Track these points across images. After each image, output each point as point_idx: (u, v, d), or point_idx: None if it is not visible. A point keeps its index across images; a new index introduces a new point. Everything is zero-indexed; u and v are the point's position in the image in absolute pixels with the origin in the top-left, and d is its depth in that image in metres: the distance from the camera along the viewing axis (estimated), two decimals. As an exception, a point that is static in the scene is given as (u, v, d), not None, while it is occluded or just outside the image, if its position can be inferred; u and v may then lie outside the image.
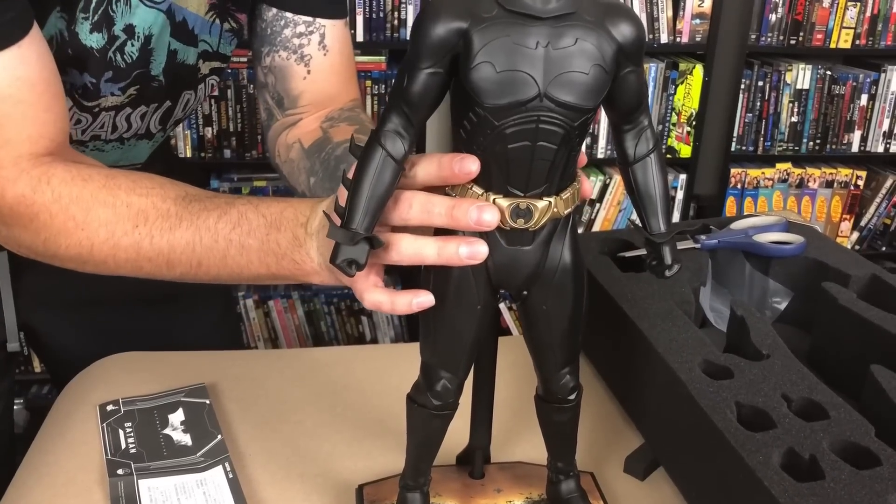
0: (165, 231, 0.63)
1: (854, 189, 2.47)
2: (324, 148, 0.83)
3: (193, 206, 0.64)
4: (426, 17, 0.46)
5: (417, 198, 0.51)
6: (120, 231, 0.64)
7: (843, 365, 0.75)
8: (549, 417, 0.61)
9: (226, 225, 0.62)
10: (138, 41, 0.76)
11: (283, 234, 0.60)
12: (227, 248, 0.62)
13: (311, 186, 0.83)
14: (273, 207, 0.62)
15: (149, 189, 0.65)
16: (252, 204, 0.63)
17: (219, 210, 0.63)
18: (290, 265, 0.61)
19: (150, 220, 0.63)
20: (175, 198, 0.64)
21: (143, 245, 0.63)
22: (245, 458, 0.72)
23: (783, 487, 0.54)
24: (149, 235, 0.63)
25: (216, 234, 0.62)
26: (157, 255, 0.64)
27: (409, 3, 2.13)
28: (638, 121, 0.51)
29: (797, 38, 2.28)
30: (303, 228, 0.59)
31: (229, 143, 2.21)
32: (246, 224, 0.62)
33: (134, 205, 0.64)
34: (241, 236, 0.62)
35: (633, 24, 0.47)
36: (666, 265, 0.53)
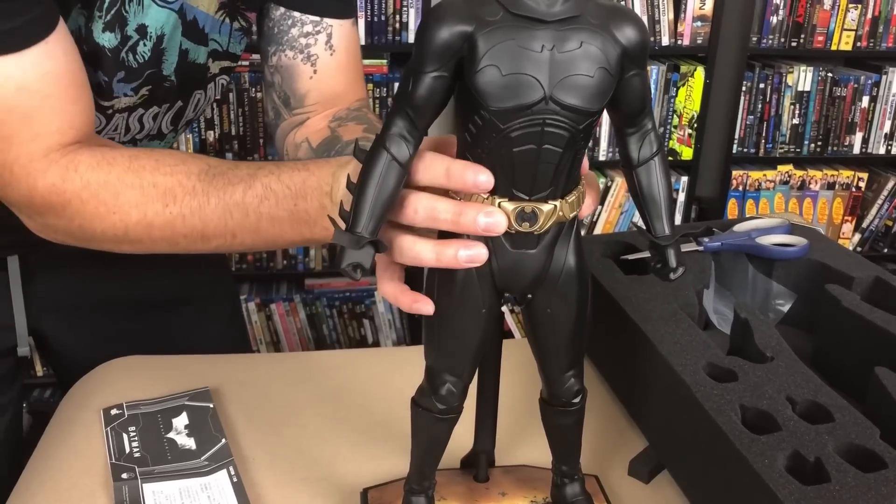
0: (196, 210, 0.65)
1: (856, 191, 2.47)
2: (333, 146, 0.83)
3: (218, 180, 0.65)
4: (431, 21, 0.46)
5: (423, 201, 0.51)
6: (151, 212, 0.65)
7: (847, 367, 0.75)
8: (554, 421, 0.61)
9: (253, 199, 0.63)
10: (150, 41, 0.76)
11: (310, 203, 0.62)
12: (259, 221, 0.64)
13: None
14: (296, 177, 0.63)
15: (172, 167, 0.66)
16: (274, 174, 0.64)
17: (243, 183, 0.64)
18: (321, 232, 0.62)
19: (178, 199, 0.65)
20: (199, 173, 0.65)
21: (177, 224, 0.65)
22: (249, 461, 0.72)
23: (789, 490, 0.54)
24: (180, 215, 0.65)
25: (245, 209, 0.64)
26: (192, 231, 0.65)
27: (410, 6, 2.13)
28: (642, 124, 0.51)
29: (798, 40, 2.28)
30: (328, 197, 0.61)
31: (231, 146, 2.21)
32: (273, 196, 0.63)
33: (160, 184, 0.65)
34: (270, 209, 0.63)
35: (637, 27, 0.47)
36: (671, 268, 0.53)
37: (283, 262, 2.33)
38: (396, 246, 0.52)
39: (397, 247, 0.52)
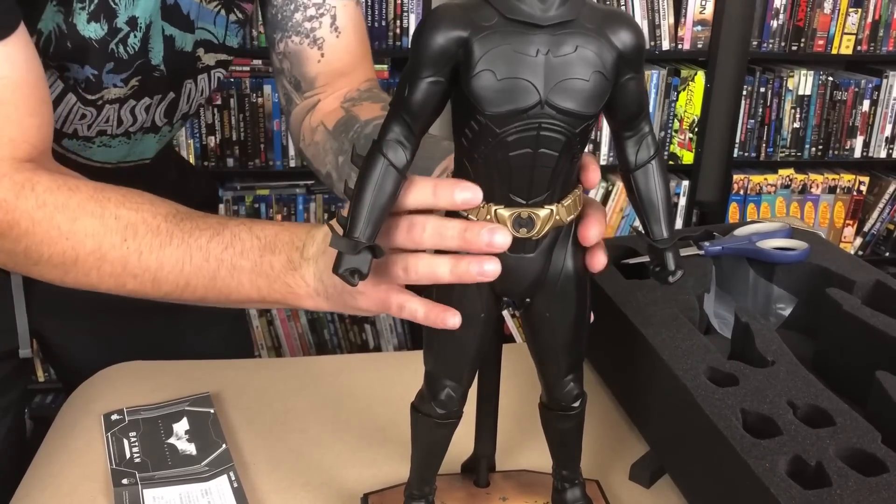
0: (155, 248, 0.61)
1: (857, 195, 2.47)
2: (351, 126, 0.83)
3: (185, 223, 0.62)
4: (426, 27, 0.46)
5: (430, 222, 0.51)
6: (108, 244, 0.62)
7: (848, 371, 0.75)
8: (554, 425, 0.60)
9: (218, 244, 0.61)
10: (140, 31, 0.75)
11: (277, 257, 0.60)
12: (218, 268, 0.61)
13: (338, 165, 0.83)
14: (268, 229, 0.61)
15: (139, 204, 0.63)
16: (245, 225, 0.62)
17: (211, 230, 0.62)
18: (282, 288, 0.60)
19: (139, 235, 0.62)
20: (166, 214, 0.63)
21: (131, 260, 0.62)
22: (250, 467, 0.72)
23: (790, 495, 0.54)
24: (137, 251, 0.62)
25: (207, 254, 0.61)
26: (144, 272, 0.62)
27: (410, 11, 2.14)
28: (639, 128, 0.51)
29: (799, 45, 2.28)
30: (298, 252, 0.59)
31: (232, 151, 2.21)
32: (239, 244, 0.61)
33: (123, 218, 0.62)
34: (232, 256, 0.60)
35: (632, 31, 0.47)
36: (669, 271, 0.53)
37: (285, 268, 2.32)
38: (410, 266, 0.52)
39: (411, 267, 0.52)
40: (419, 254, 0.52)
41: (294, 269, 0.59)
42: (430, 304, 0.53)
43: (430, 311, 0.53)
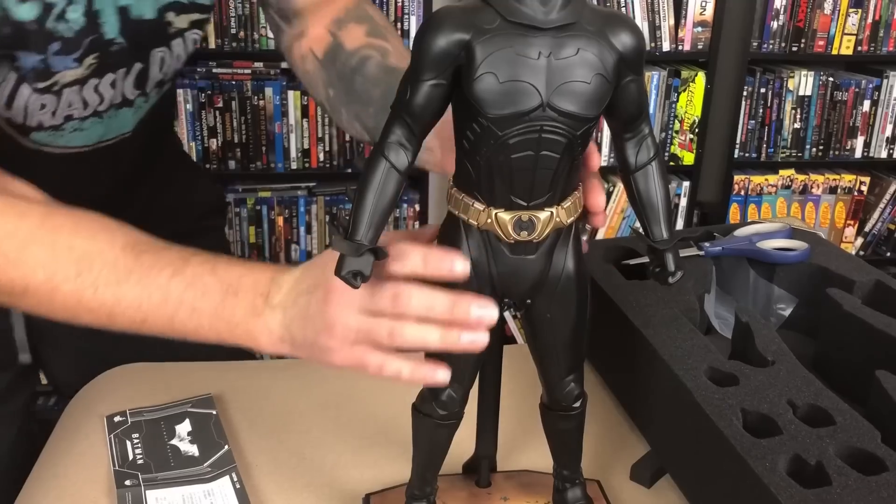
0: (112, 283, 0.58)
1: (858, 195, 2.47)
2: (338, 57, 0.81)
3: (145, 257, 0.59)
4: (429, 30, 0.46)
5: (416, 294, 0.52)
6: (61, 276, 0.59)
7: (848, 371, 0.75)
8: (555, 425, 0.61)
9: (178, 284, 0.59)
10: (79, 4, 0.68)
11: (239, 302, 0.58)
12: (177, 309, 0.59)
13: (329, 98, 0.82)
14: (231, 271, 0.59)
15: (93, 232, 0.60)
16: (209, 264, 0.60)
17: (172, 267, 0.59)
18: (243, 335, 0.59)
19: (94, 268, 0.59)
20: (123, 245, 0.60)
21: (86, 295, 0.59)
22: (252, 468, 0.73)
23: (790, 494, 0.54)
24: (92, 285, 0.59)
25: (167, 293, 0.59)
26: (100, 307, 0.59)
27: (411, 13, 2.14)
28: (639, 129, 0.52)
29: (799, 45, 2.28)
30: (262, 298, 0.58)
31: (234, 154, 2.22)
32: (201, 286, 0.58)
33: (77, 248, 0.59)
34: (193, 298, 0.58)
35: (633, 33, 0.47)
36: (669, 272, 0.54)
37: (286, 270, 2.33)
38: (397, 332, 0.53)
39: (397, 333, 0.53)
40: (406, 320, 0.53)
41: (257, 316, 0.58)
42: (415, 363, 0.54)
43: (417, 370, 0.54)
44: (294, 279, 0.58)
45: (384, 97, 0.75)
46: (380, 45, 0.81)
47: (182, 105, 2.16)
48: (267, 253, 2.31)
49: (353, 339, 0.54)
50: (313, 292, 0.56)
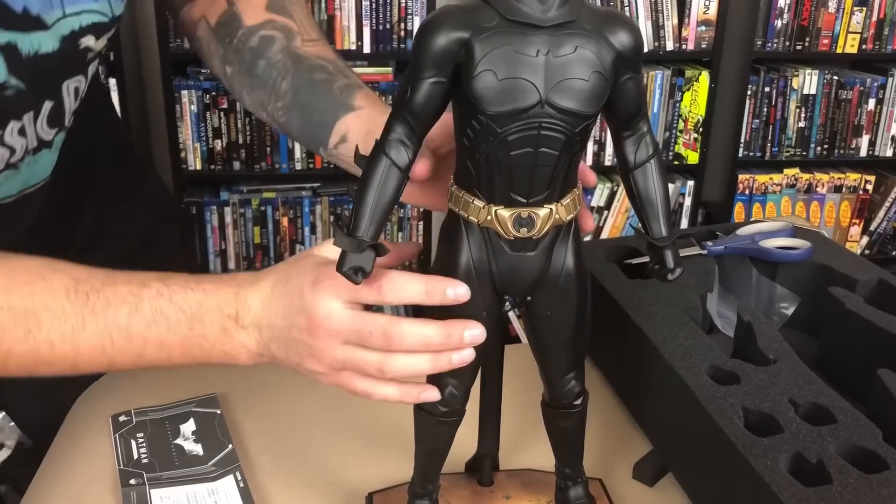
0: (67, 335, 0.55)
1: (863, 193, 2.46)
2: (233, 31, 0.75)
3: (94, 300, 0.55)
4: (428, 28, 0.47)
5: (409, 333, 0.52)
6: (10, 339, 0.55)
7: (850, 369, 0.75)
8: (556, 423, 0.61)
9: (139, 322, 0.56)
10: None
11: (207, 327, 0.56)
12: (144, 346, 0.57)
13: (228, 76, 0.77)
14: (189, 297, 0.56)
15: (29, 286, 0.55)
16: (163, 295, 0.56)
17: (127, 305, 0.56)
18: (219, 355, 0.58)
19: (43, 325, 0.55)
20: (66, 291, 0.55)
21: (42, 352, 0.55)
22: (256, 467, 0.73)
23: (791, 492, 0.54)
24: (46, 342, 0.55)
25: (128, 333, 0.56)
26: (60, 360, 0.56)
27: (415, 14, 2.14)
28: (637, 127, 0.52)
29: (803, 44, 2.28)
30: (231, 320, 0.56)
31: (238, 155, 2.23)
32: (163, 320, 0.56)
33: (17, 307, 0.54)
34: (159, 333, 0.56)
35: (630, 32, 0.48)
36: (668, 269, 0.54)
37: (291, 270, 2.34)
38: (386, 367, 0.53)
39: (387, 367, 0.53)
40: (394, 354, 0.53)
41: (230, 337, 0.56)
42: (404, 387, 0.54)
43: (406, 394, 0.54)
44: (263, 297, 0.56)
45: (293, 92, 0.72)
46: (283, 24, 0.75)
47: (186, 106, 2.17)
48: (272, 253, 2.32)
49: (341, 368, 0.54)
50: (293, 318, 0.54)
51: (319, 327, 0.53)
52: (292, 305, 0.54)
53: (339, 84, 0.72)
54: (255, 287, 0.57)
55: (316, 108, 0.71)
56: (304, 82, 0.72)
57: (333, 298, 0.52)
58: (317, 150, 0.73)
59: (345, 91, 0.71)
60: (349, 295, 0.52)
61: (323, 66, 0.73)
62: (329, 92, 0.71)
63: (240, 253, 2.32)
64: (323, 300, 0.53)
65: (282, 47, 0.74)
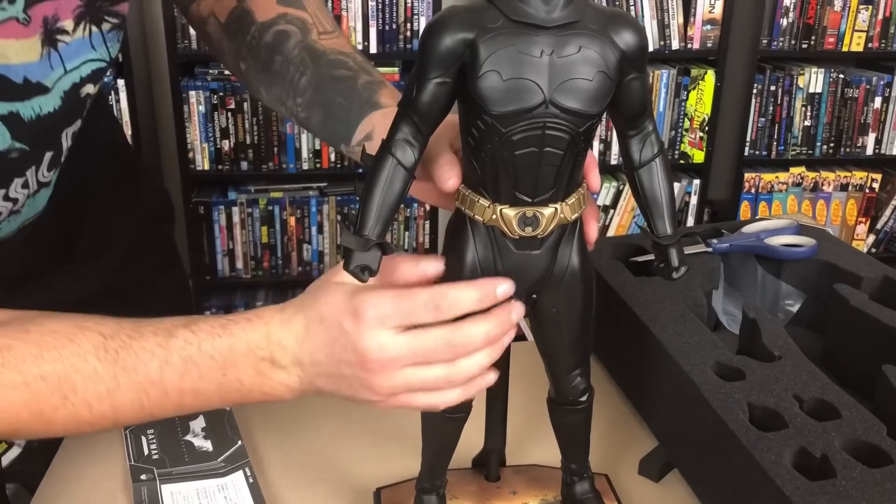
0: (104, 396, 0.55)
1: (869, 192, 2.46)
2: (246, 27, 0.75)
3: (124, 357, 0.55)
4: (434, 29, 0.47)
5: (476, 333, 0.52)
6: (48, 408, 0.55)
7: (855, 366, 0.76)
8: (562, 419, 0.61)
9: (172, 374, 0.55)
10: None
11: (242, 372, 0.55)
12: (181, 397, 0.56)
13: (243, 72, 0.77)
14: (218, 343, 0.55)
15: (58, 349, 0.54)
16: (192, 344, 0.55)
17: (157, 358, 0.55)
18: (259, 397, 0.57)
19: (78, 389, 0.55)
20: (95, 350, 0.55)
21: (82, 414, 0.56)
22: (265, 463, 0.74)
23: (795, 486, 0.55)
24: (85, 404, 0.55)
25: (163, 386, 0.56)
26: (101, 419, 0.56)
27: (421, 14, 2.15)
28: (642, 126, 0.52)
29: (809, 42, 2.28)
30: (267, 363, 0.55)
31: (246, 155, 2.24)
32: (195, 369, 0.55)
33: (51, 375, 0.54)
34: (193, 382, 0.56)
35: (635, 31, 0.48)
36: (673, 267, 0.54)
37: (299, 269, 2.35)
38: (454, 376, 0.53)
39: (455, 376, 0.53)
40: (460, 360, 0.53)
41: (267, 378, 0.56)
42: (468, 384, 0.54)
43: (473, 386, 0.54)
44: (298, 336, 0.55)
45: (313, 88, 0.72)
46: (297, 17, 0.75)
47: (195, 107, 2.18)
48: (279, 253, 2.33)
49: (403, 391, 0.54)
50: (340, 355, 0.53)
51: (373, 360, 0.52)
52: (335, 341, 0.53)
53: (362, 81, 0.71)
54: (287, 326, 0.55)
55: (339, 105, 0.71)
56: (325, 78, 0.72)
57: (380, 329, 0.51)
58: (337, 146, 0.72)
59: (368, 88, 0.71)
60: (400, 319, 0.51)
61: (343, 62, 0.73)
62: (353, 89, 0.70)
63: (247, 252, 2.33)
64: (370, 334, 0.51)
65: (297, 42, 0.73)
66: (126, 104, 2.09)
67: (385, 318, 0.51)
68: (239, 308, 2.38)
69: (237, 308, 2.38)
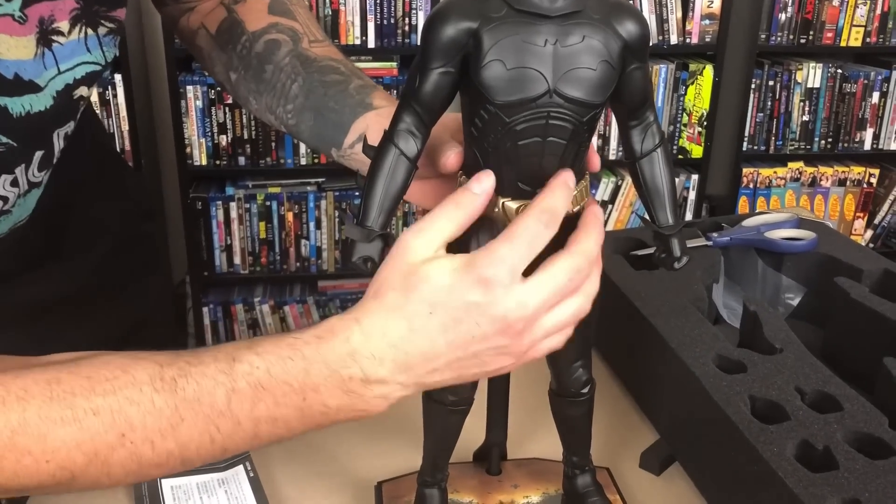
0: (167, 432, 0.49)
1: (867, 187, 2.46)
2: (236, 37, 0.74)
3: (182, 385, 0.49)
4: (436, 19, 0.47)
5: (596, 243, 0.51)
6: (104, 447, 0.48)
7: (856, 359, 0.76)
8: (563, 412, 0.61)
9: (243, 403, 0.49)
10: None
11: (327, 395, 0.50)
12: (256, 426, 0.51)
13: (233, 82, 0.76)
14: (290, 367, 0.49)
15: (111, 381, 0.49)
16: (259, 368, 0.49)
17: (222, 387, 0.49)
18: (349, 416, 0.52)
19: (136, 425, 0.48)
20: (150, 379, 0.49)
21: (144, 454, 0.49)
22: (266, 457, 0.73)
23: (797, 478, 0.55)
24: (146, 441, 0.49)
25: (235, 418, 0.50)
26: (167, 458, 0.50)
27: (419, 8, 2.15)
28: (644, 116, 0.52)
29: (807, 37, 2.28)
30: (356, 381, 0.50)
31: (244, 150, 2.23)
32: (268, 397, 0.49)
33: (103, 410, 0.48)
34: (267, 409, 0.50)
35: (637, 21, 0.48)
36: (675, 257, 0.54)
37: (297, 265, 2.34)
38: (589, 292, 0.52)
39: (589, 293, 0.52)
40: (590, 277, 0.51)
41: (358, 398, 0.50)
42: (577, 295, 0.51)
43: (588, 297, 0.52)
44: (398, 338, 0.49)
45: (305, 94, 0.71)
46: (288, 27, 0.74)
47: (192, 102, 2.18)
48: (277, 248, 2.33)
49: (538, 341, 0.51)
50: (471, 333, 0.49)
51: (517, 320, 0.48)
52: (459, 322, 0.48)
53: (354, 85, 0.71)
54: (378, 334, 0.49)
55: (330, 108, 0.70)
56: (316, 84, 0.71)
57: (512, 285, 0.48)
58: (328, 151, 0.71)
59: (361, 91, 0.70)
60: (525, 261, 0.48)
61: (335, 68, 0.73)
62: (344, 92, 0.70)
63: (245, 248, 2.33)
64: (507, 295, 0.48)
65: (289, 50, 0.73)
66: (123, 99, 2.09)
67: (514, 269, 0.48)
68: (236, 304, 2.37)
69: (235, 304, 2.37)
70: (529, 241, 0.48)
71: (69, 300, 0.80)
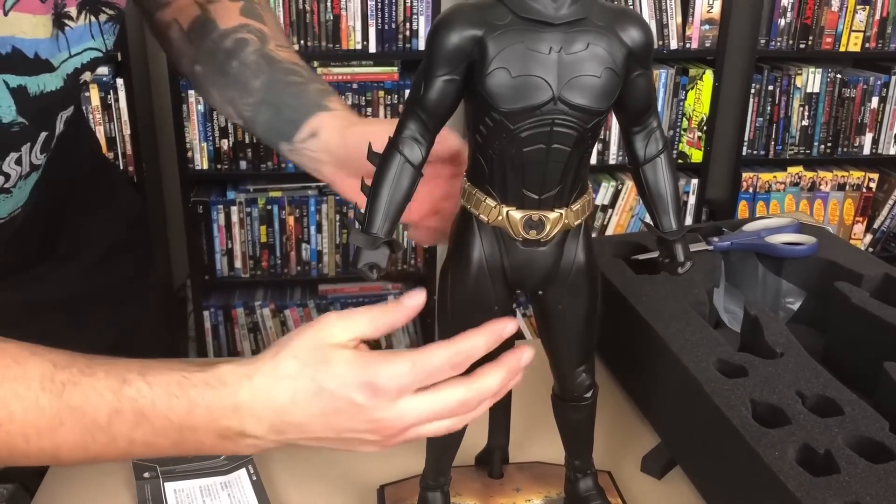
0: (45, 431, 0.51)
1: (866, 191, 2.47)
2: (207, 33, 0.78)
3: (69, 392, 0.51)
4: (441, 26, 0.47)
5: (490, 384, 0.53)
6: None
7: (857, 363, 0.76)
8: (566, 416, 0.62)
9: (122, 425, 0.52)
10: None
11: (203, 434, 0.53)
12: (131, 446, 0.53)
13: (197, 74, 0.80)
14: (175, 405, 0.51)
15: (3, 369, 0.51)
16: (146, 397, 0.51)
17: (107, 405, 0.51)
18: (221, 453, 0.56)
19: (16, 417, 0.50)
20: (41, 379, 0.51)
21: (17, 445, 0.51)
22: (268, 460, 0.74)
23: (799, 482, 0.55)
24: (21, 434, 0.51)
25: (112, 434, 0.52)
26: (39, 454, 0.53)
27: (420, 14, 2.15)
28: (647, 122, 0.53)
29: (807, 42, 2.29)
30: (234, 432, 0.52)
31: (245, 154, 2.23)
32: (147, 424, 0.52)
33: None
34: (145, 436, 0.52)
35: (641, 28, 0.48)
36: (678, 262, 0.55)
37: (297, 269, 2.35)
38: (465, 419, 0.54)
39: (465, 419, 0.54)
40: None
41: (233, 443, 0.53)
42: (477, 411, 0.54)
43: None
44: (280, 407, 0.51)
45: (265, 89, 0.75)
46: (257, 28, 0.79)
47: (193, 106, 2.18)
48: (278, 252, 2.33)
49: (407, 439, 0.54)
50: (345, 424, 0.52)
51: (390, 427, 0.52)
52: (339, 412, 0.51)
53: (313, 87, 0.76)
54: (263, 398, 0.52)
55: (288, 105, 0.75)
56: (278, 82, 0.76)
57: (398, 399, 0.51)
58: (276, 145, 0.76)
59: (320, 94, 0.75)
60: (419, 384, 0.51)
61: (297, 71, 0.77)
62: (304, 92, 0.74)
63: (246, 252, 2.33)
64: (389, 405, 0.51)
65: (256, 49, 0.77)
66: (125, 103, 2.09)
67: (404, 389, 0.50)
68: (237, 307, 2.38)
69: (236, 307, 2.38)
70: (431, 372, 0.51)
71: (59, 306, 0.81)
